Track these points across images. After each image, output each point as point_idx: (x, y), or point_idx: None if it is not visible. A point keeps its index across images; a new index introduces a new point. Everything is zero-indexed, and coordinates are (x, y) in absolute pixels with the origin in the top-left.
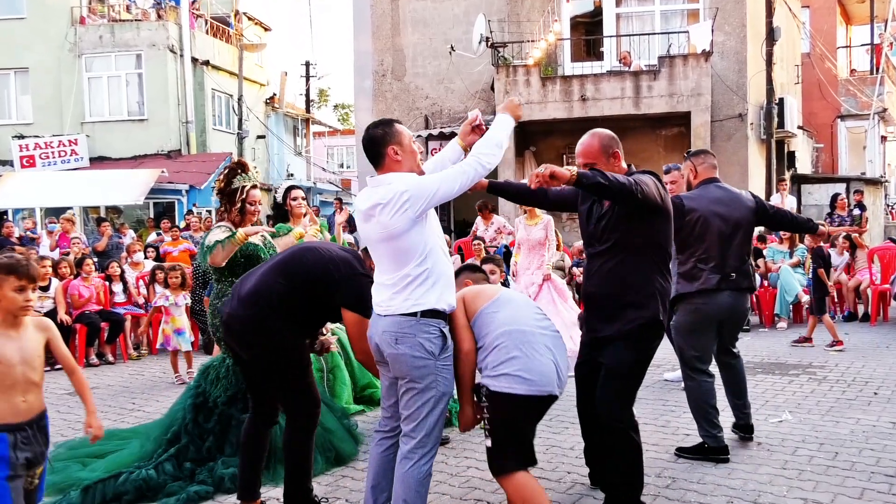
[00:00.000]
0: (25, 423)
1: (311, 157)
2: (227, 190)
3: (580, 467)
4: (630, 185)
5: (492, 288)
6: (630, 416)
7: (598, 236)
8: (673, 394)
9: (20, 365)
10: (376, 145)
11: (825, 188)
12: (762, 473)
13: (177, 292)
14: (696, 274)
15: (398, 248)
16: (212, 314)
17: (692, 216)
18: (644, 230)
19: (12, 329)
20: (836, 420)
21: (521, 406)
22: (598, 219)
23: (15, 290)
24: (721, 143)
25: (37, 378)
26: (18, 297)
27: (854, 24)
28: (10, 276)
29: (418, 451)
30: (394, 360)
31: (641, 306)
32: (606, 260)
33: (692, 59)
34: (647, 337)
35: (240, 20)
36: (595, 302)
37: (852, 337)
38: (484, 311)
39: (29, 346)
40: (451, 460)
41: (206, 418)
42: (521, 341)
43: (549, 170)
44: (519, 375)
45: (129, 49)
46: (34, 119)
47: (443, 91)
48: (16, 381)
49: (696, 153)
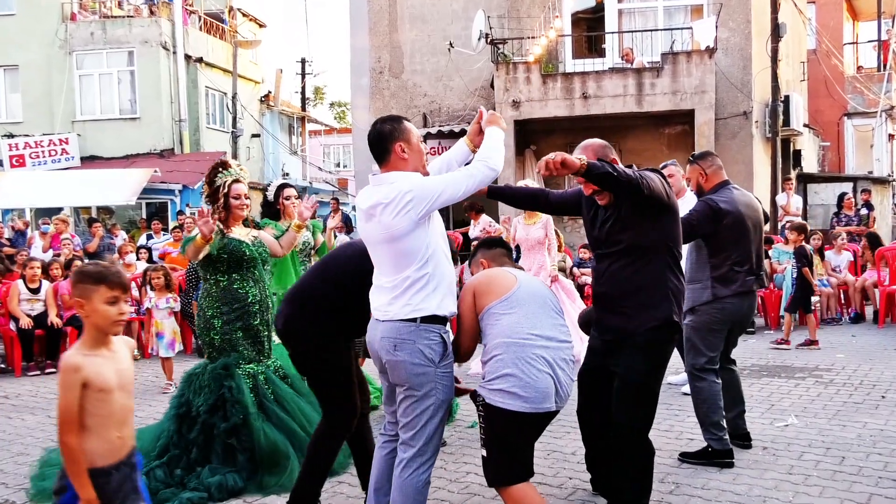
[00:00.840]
0: (116, 465)
1: (306, 157)
2: (212, 189)
3: (581, 473)
4: (637, 179)
5: (507, 278)
6: (649, 421)
7: (604, 240)
8: (677, 398)
9: (118, 391)
10: (383, 141)
11: (831, 187)
12: (767, 479)
13: (161, 293)
14: (733, 277)
15: (399, 249)
16: (199, 315)
17: (728, 219)
18: (650, 231)
19: (104, 347)
20: (843, 424)
21: (515, 421)
22: (603, 223)
23: (107, 301)
24: (725, 142)
25: (132, 405)
26: (111, 311)
27: (861, 19)
28: (99, 286)
29: (417, 460)
30: (392, 367)
31: (655, 307)
32: (614, 262)
33: (696, 56)
34: (662, 340)
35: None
36: (607, 301)
37: (860, 339)
38: (491, 309)
39: (124, 366)
40: (450, 466)
41: (188, 429)
42: (518, 357)
43: (561, 157)
44: (514, 392)
45: (121, 46)
46: (24, 118)
47: (441, 89)
48: (112, 412)
49: (703, 156)
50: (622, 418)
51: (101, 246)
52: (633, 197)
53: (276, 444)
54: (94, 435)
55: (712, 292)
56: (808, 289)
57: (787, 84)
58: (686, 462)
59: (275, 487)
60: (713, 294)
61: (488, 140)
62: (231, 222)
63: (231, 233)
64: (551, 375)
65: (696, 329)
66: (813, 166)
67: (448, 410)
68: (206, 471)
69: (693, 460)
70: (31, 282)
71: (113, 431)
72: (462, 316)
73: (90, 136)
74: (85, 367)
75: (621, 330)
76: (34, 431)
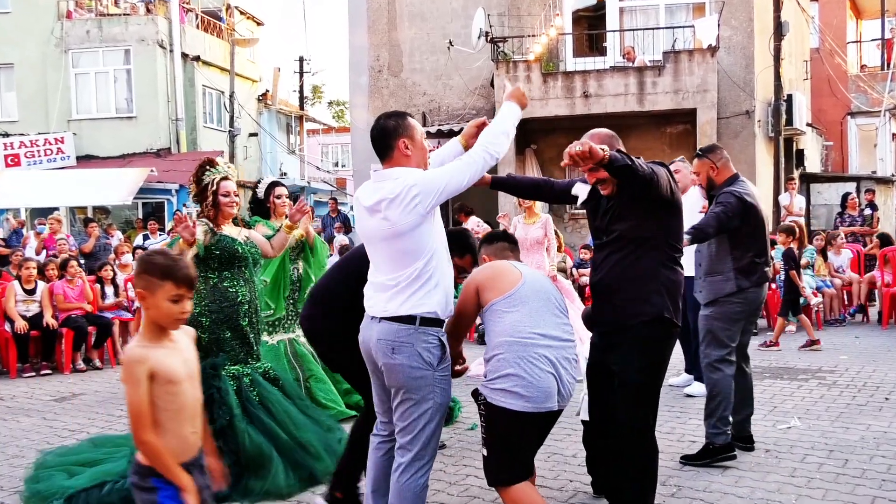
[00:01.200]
0: (192, 462)
1: (304, 156)
2: (200, 188)
3: (582, 475)
4: (650, 174)
5: (512, 273)
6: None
7: (605, 229)
8: (679, 400)
9: (186, 382)
10: (387, 137)
11: (835, 187)
12: (770, 481)
13: None
14: (754, 269)
15: (404, 246)
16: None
17: (753, 212)
18: (650, 224)
19: (165, 339)
20: (846, 426)
21: (517, 421)
22: (605, 212)
23: (171, 299)
24: (728, 141)
25: (201, 397)
26: (174, 309)
27: (864, 18)
28: (166, 282)
29: (415, 464)
30: (390, 370)
31: (645, 301)
32: (612, 251)
33: (698, 55)
34: (656, 336)
35: (231, 14)
36: (602, 291)
37: (863, 341)
38: (494, 306)
39: (190, 356)
40: (449, 468)
41: None
42: (520, 356)
43: (588, 146)
44: (516, 392)
45: (118, 44)
46: (19, 116)
47: (441, 87)
48: (184, 405)
49: (711, 149)
50: (622, 417)
51: (96, 246)
52: (644, 190)
53: (260, 446)
54: (168, 432)
55: (736, 283)
56: (795, 291)
57: (790, 83)
58: (688, 465)
59: (260, 493)
60: (737, 285)
61: (497, 119)
62: (221, 220)
63: (222, 231)
64: (554, 375)
65: (717, 320)
66: (816, 166)
67: (445, 413)
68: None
69: (695, 463)
70: (27, 282)
71: (187, 426)
72: (461, 304)
73: (86, 136)
74: (149, 358)
75: (613, 322)
76: (29, 434)
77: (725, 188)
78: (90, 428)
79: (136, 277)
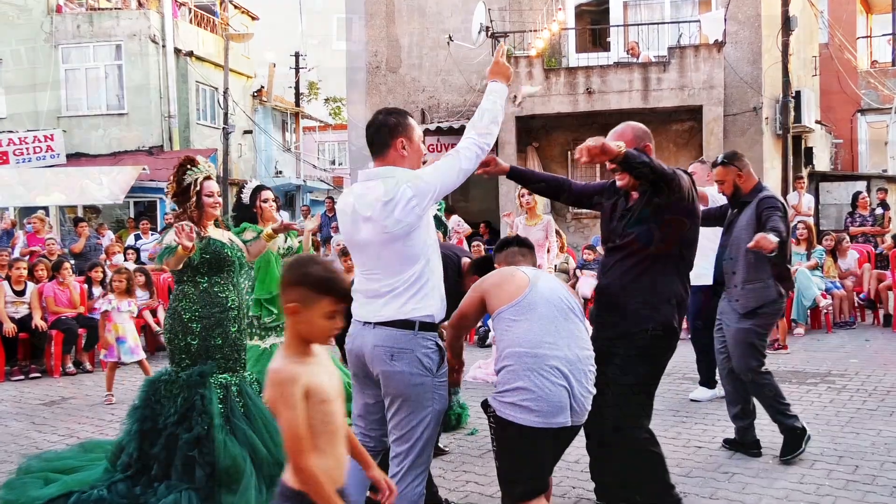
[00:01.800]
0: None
1: (300, 154)
2: (181, 188)
3: (586, 482)
4: (671, 174)
5: (519, 279)
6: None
7: (620, 233)
8: (685, 405)
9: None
10: (385, 133)
11: (844, 186)
12: (778, 488)
13: (121, 297)
14: (787, 274)
15: (400, 250)
16: (173, 318)
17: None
18: (667, 233)
19: (311, 354)
20: (856, 432)
21: (527, 436)
22: (622, 215)
23: (327, 315)
24: (735, 139)
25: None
26: (328, 325)
27: (875, 12)
28: (325, 298)
29: (412, 473)
30: (389, 378)
31: (655, 310)
32: (625, 257)
33: (704, 50)
34: (659, 346)
35: (225, 8)
36: (609, 295)
37: (873, 344)
38: (502, 314)
39: (334, 372)
40: (449, 475)
41: (152, 444)
42: (531, 369)
43: (602, 143)
44: (525, 406)
45: (109, 39)
46: (7, 113)
47: (440, 84)
48: (339, 426)
49: (735, 156)
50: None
51: (87, 246)
52: (664, 191)
53: (235, 458)
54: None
55: (776, 290)
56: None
57: (799, 79)
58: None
59: None
60: (778, 292)
61: (488, 106)
62: (204, 222)
63: (207, 233)
64: (566, 388)
65: (757, 331)
66: (825, 164)
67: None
68: (162, 487)
69: (792, 456)
70: (17, 283)
71: (340, 448)
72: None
73: (76, 133)
74: (302, 376)
75: (619, 328)
76: (18, 438)
77: (759, 195)
78: (80, 433)
79: (287, 288)
